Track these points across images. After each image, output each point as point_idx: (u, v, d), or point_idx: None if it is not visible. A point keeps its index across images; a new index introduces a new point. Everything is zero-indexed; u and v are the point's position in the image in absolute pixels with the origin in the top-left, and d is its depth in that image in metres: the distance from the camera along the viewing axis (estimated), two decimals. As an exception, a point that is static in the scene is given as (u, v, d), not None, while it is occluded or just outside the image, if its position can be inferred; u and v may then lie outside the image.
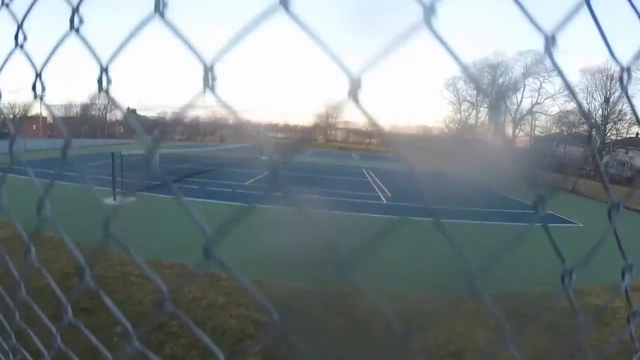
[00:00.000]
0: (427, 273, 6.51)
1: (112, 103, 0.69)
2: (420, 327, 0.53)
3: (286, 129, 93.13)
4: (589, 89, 49.29)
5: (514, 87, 49.63)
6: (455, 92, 62.27)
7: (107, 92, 0.66)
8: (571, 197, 24.15)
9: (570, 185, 27.43)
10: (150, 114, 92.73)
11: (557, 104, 53.90)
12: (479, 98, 58.61)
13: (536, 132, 58.07)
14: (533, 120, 57.56)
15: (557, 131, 56.64)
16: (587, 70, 52.97)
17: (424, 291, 5.44)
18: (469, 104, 61.34)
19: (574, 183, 27.41)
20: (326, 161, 29.92)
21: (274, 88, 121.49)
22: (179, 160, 19.59)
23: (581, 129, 50.75)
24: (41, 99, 0.82)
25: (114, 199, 10.27)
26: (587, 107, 48.76)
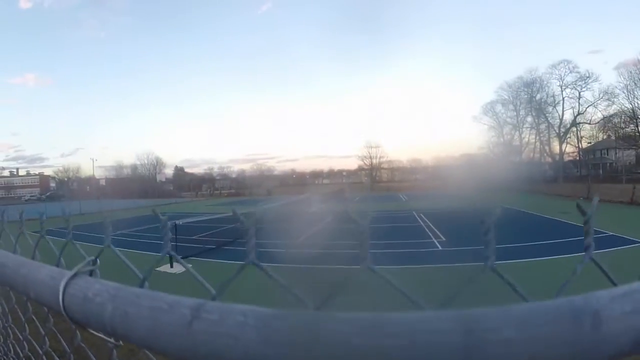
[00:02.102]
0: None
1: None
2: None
3: (331, 174, 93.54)
4: (629, 86, 46.22)
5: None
6: (494, 116, 60.21)
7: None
8: (631, 210, 21.97)
9: (628, 196, 25.23)
10: (198, 170, 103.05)
11: (599, 110, 50.95)
12: (519, 118, 56.90)
13: (583, 143, 55.27)
14: (578, 132, 54.90)
15: (605, 137, 54.21)
16: (622, 66, 49.84)
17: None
18: (511, 126, 59.40)
19: (632, 193, 25.15)
20: (375, 207, 29.13)
21: (316, 135, 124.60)
22: (230, 221, 19.72)
23: (628, 129, 47.67)
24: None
25: (171, 266, 10.47)
26: (631, 106, 45.64)
